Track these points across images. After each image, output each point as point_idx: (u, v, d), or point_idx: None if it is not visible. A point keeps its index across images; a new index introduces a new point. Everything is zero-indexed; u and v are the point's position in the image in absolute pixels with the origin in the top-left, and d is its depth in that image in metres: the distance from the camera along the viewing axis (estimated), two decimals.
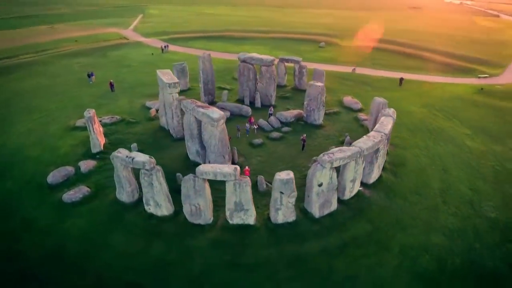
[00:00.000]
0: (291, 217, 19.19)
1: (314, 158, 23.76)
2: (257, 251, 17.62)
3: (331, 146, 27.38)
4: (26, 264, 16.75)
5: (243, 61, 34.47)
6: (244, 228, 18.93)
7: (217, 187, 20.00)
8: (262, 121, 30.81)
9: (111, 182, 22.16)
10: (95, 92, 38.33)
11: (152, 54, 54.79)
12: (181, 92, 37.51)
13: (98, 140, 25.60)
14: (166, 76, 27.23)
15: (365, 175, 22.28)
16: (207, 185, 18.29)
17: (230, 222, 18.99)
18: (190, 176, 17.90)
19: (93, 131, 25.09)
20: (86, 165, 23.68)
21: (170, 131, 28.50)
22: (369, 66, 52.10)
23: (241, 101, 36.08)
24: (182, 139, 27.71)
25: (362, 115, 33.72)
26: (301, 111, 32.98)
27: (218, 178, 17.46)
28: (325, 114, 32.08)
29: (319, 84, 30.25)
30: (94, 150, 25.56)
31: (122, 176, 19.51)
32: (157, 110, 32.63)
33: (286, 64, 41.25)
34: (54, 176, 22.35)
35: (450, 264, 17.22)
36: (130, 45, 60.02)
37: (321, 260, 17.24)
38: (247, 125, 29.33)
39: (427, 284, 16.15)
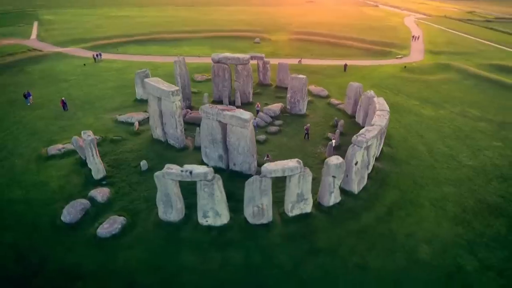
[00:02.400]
0: (338, 198, 20.91)
1: (331, 141, 25.97)
2: (327, 233, 18.84)
3: (327, 132, 30.02)
4: None
5: (218, 61, 34.17)
6: (303, 217, 19.85)
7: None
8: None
9: (141, 206, 20.40)
10: (44, 114, 32.77)
11: (84, 64, 48.76)
12: (145, 101, 35.16)
13: (102, 164, 22.67)
14: (162, 84, 25.51)
15: None
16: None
17: (290, 214, 19.66)
18: (256, 177, 17.90)
19: (96, 156, 22.11)
20: (101, 194, 20.85)
21: (170, 142, 26.86)
22: (308, 57, 56.74)
23: (217, 102, 35.74)
24: (186, 148, 26.64)
25: (333, 100, 37.26)
26: (281, 104, 34.70)
27: (286, 174, 17.96)
28: None
29: (302, 76, 32.38)
30: (98, 176, 22.55)
31: (173, 193, 18.15)
32: (139, 123, 30.13)
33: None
34: (70, 214, 19.14)
35: (467, 206, 21.46)
36: (50, 57, 51.94)
37: (380, 228, 19.49)
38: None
39: (461, 224, 19.89)
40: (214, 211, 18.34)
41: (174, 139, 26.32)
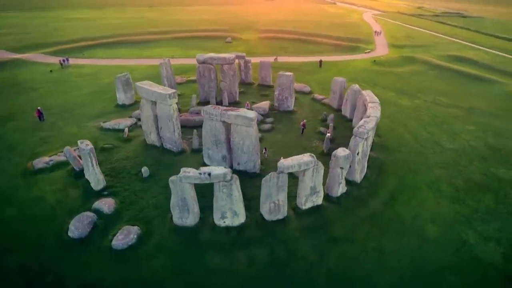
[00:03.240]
0: (345, 188, 21.80)
1: (327, 135, 26.84)
2: (341, 222, 19.60)
3: (318, 127, 30.96)
4: None
5: (203, 62, 33.76)
6: (316, 209, 20.46)
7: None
8: None
9: (152, 213, 19.84)
10: (20, 126, 30.30)
11: (51, 71, 45.60)
12: (128, 107, 34.10)
13: (102, 174, 21.60)
14: (157, 87, 24.79)
15: None
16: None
17: (303, 208, 20.16)
18: (273, 174, 18.14)
19: (96, 165, 21.02)
20: (107, 204, 19.89)
21: (166, 146, 26.19)
22: (283, 54, 57.73)
23: (204, 103, 35.32)
24: (183, 151, 26.18)
25: (317, 96, 38.41)
26: (268, 102, 35.15)
27: (302, 168, 18.40)
28: None
29: (289, 73, 33.03)
30: (98, 187, 21.45)
31: (190, 197, 17.86)
32: (129, 129, 29.01)
33: None
34: (78, 228, 18.07)
35: (458, 185, 23.39)
36: (9, 65, 47.81)
37: (388, 212, 20.65)
38: None
39: (457, 202, 21.65)
40: (232, 211, 18.32)
41: (172, 143, 25.71)
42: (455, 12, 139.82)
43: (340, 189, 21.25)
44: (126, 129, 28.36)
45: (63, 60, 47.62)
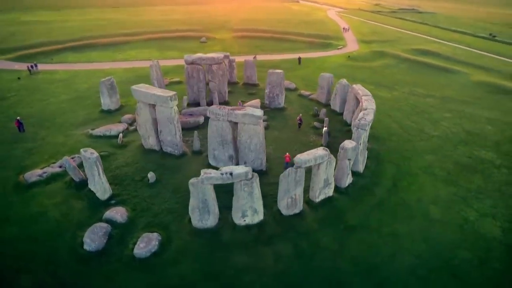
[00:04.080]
0: (351, 179, 22.74)
1: (325, 129, 27.71)
2: (353, 211, 20.48)
3: (312, 122, 31.82)
4: None
5: (191, 63, 33.28)
6: (328, 201, 21.16)
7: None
8: None
9: (167, 218, 19.49)
10: None
11: (19, 78, 42.41)
12: (114, 112, 32.84)
13: (107, 183, 20.72)
14: (155, 89, 24.17)
15: None
16: None
17: (317, 200, 20.78)
18: (291, 169, 18.51)
19: (103, 174, 20.13)
20: (119, 213, 19.16)
21: (167, 149, 25.59)
22: (260, 53, 58.17)
23: (193, 104, 34.87)
24: (184, 154, 25.79)
25: (303, 92, 39.33)
26: (258, 100, 35.44)
27: (317, 162, 18.95)
28: None
29: (279, 71, 33.54)
30: (105, 196, 20.56)
31: (211, 198, 17.75)
32: (123, 134, 27.95)
33: None
34: (94, 240, 17.27)
35: (449, 168, 25.27)
36: None
37: (393, 198, 21.87)
38: None
39: (452, 184, 23.43)
40: (252, 209, 18.46)
41: (173, 146, 25.20)
42: (410, 8, 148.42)
43: (348, 180, 22.12)
44: (121, 135, 27.31)
45: (31, 66, 44.47)
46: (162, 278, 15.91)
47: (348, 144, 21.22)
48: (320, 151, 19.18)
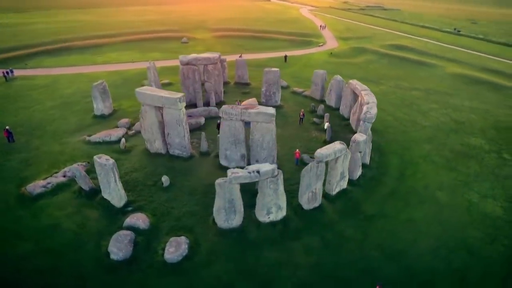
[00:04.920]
0: (361, 170, 23.61)
1: (327, 124, 28.42)
2: (369, 202, 21.31)
3: (311, 118, 32.51)
4: None
5: (187, 63, 32.80)
6: (343, 193, 21.85)
7: None
8: None
9: (191, 221, 19.31)
10: None
11: None
12: (108, 117, 31.76)
13: (123, 190, 20.11)
14: (161, 91, 23.67)
15: None
16: None
17: (333, 193, 21.39)
18: (313, 163, 18.94)
19: (119, 181, 19.50)
20: (140, 219, 18.67)
21: (175, 152, 25.15)
22: (244, 52, 58.24)
23: (190, 106, 34.39)
24: (192, 156, 25.51)
25: (296, 89, 40.00)
26: (254, 99, 35.66)
27: (336, 156, 19.52)
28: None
29: (275, 69, 33.91)
30: (121, 203, 19.94)
31: (238, 198, 17.79)
32: (125, 138, 27.10)
33: None
34: (120, 249, 16.73)
35: (446, 156, 26.88)
36: None
37: (403, 187, 22.97)
38: None
39: (452, 170, 24.96)
40: (277, 205, 18.71)
41: (181, 149, 24.82)
42: (376, 6, 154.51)
43: (359, 171, 22.94)
44: (123, 140, 26.45)
45: (7, 72, 41.68)
46: (198, 281, 15.76)
47: (359, 137, 22.01)
48: (338, 145, 19.78)
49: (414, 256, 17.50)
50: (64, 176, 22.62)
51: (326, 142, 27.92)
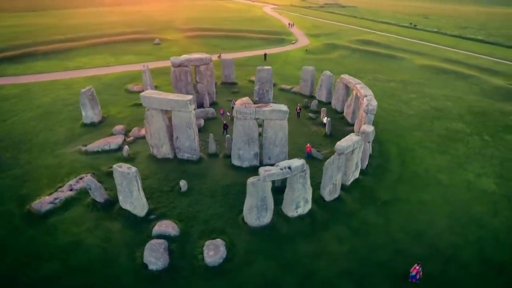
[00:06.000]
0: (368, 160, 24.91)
1: (326, 118, 29.42)
2: (381, 188, 22.63)
3: (306, 113, 33.40)
4: None
5: (179, 65, 32.06)
6: (356, 182, 22.94)
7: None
8: None
9: (219, 223, 19.23)
10: None
11: None
12: (99, 124, 30.29)
13: (145, 198, 19.42)
14: (169, 95, 23.05)
15: None
16: None
17: (348, 183, 22.38)
18: (335, 156, 19.67)
19: (141, 189, 18.81)
20: (170, 227, 18.17)
21: (184, 156, 24.63)
22: (222, 51, 57.87)
23: None
24: (201, 158, 25.20)
25: (285, 86, 40.74)
26: (247, 97, 35.83)
27: (355, 147, 20.44)
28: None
29: (268, 67, 34.32)
30: (143, 212, 19.27)
31: (269, 195, 18.01)
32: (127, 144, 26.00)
33: None
34: (158, 258, 16.19)
35: (436, 141, 29.10)
36: None
37: (406, 172, 24.59)
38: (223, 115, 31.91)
39: (445, 153, 27.11)
40: (304, 199, 19.21)
41: (190, 152, 24.39)
42: (334, 3, 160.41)
43: (367, 161, 24.17)
44: (126, 147, 25.34)
45: None
46: (244, 280, 15.81)
47: (367, 128, 23.18)
48: (354, 137, 20.73)
49: (434, 234, 18.93)
50: (71, 190, 21.30)
51: (326, 136, 29.03)
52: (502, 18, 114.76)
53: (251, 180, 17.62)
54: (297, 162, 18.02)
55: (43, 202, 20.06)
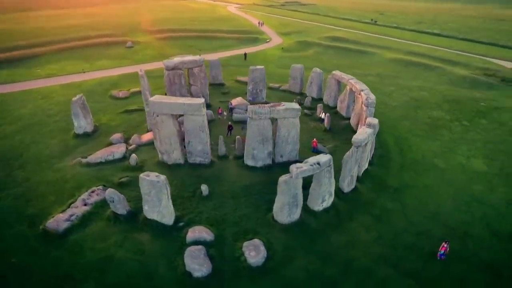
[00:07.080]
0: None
1: (326, 114, 30.52)
2: (390, 176, 24.17)
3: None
4: None
5: (173, 68, 31.40)
6: (367, 172, 24.24)
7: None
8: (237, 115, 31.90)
9: (250, 224, 19.47)
10: None
11: None
12: (93, 134, 29.08)
13: (173, 206, 19.03)
14: (180, 99, 22.66)
15: None
16: None
17: (360, 175, 23.59)
18: (353, 149, 20.65)
19: (170, 197, 18.41)
20: (203, 232, 18.02)
21: (196, 160, 24.32)
22: (199, 52, 57.08)
23: None
24: (213, 162, 25.07)
25: (273, 85, 41.36)
26: (240, 97, 36.03)
27: (370, 139, 21.61)
28: None
29: (261, 67, 34.70)
30: (171, 220, 18.90)
31: (300, 192, 18.54)
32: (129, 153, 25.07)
33: None
34: (202, 265, 16.01)
35: (425, 128, 31.44)
36: None
37: (408, 160, 26.41)
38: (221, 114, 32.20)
39: (438, 140, 29.44)
40: (329, 193, 20.03)
41: (203, 156, 24.15)
42: (294, 1, 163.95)
43: (372, 151, 25.60)
44: (134, 155, 24.44)
45: None
46: (291, 276, 16.23)
47: (372, 120, 24.49)
48: (368, 129, 21.90)
49: (445, 214, 20.67)
50: (85, 205, 20.24)
51: (326, 131, 30.18)
52: (447, 12, 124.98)
53: (283, 178, 18.02)
54: (324, 158, 18.73)
55: (58, 221, 18.85)
